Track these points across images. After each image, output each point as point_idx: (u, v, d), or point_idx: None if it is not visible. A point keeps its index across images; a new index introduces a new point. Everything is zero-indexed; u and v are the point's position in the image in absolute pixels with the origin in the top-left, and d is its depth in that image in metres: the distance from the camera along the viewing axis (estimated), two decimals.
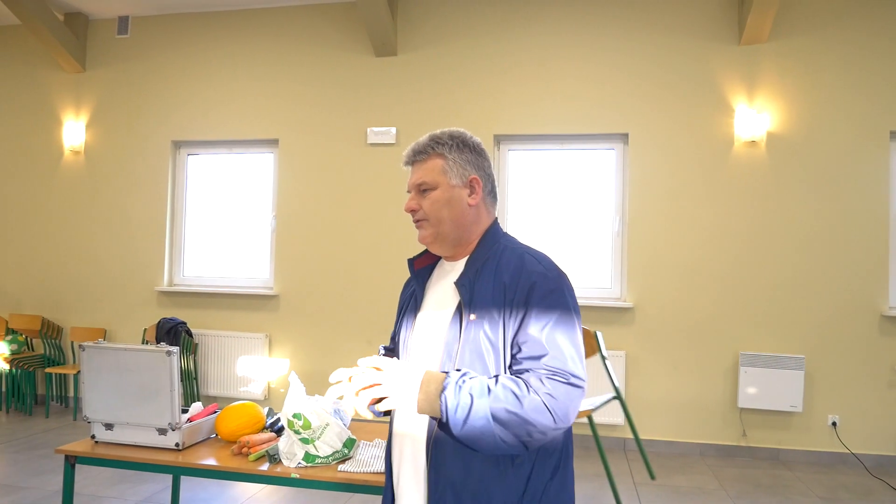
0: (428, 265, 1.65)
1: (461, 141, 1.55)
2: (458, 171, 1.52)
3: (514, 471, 1.38)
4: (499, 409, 1.28)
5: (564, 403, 1.31)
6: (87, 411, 2.49)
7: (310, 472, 2.21)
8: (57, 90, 6.51)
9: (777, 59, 5.15)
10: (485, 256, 1.49)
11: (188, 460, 2.35)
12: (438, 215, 1.52)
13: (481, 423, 1.28)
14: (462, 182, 1.52)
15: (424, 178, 1.53)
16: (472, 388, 1.30)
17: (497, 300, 1.41)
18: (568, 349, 1.35)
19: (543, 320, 1.36)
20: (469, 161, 1.54)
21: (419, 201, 1.55)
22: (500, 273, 1.44)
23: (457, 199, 1.52)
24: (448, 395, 1.30)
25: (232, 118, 6.11)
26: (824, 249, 5.05)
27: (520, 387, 1.31)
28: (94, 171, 6.40)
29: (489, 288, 1.43)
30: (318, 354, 5.82)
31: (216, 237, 6.30)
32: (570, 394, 1.32)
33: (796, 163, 5.10)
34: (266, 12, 6.08)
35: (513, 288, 1.40)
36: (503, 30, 5.61)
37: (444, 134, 1.56)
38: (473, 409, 1.28)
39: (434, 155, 1.54)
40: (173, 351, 2.38)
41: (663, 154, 5.30)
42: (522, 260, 1.45)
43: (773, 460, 5.03)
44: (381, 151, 5.77)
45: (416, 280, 1.63)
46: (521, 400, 1.28)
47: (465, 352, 1.40)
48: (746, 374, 5.00)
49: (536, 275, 1.41)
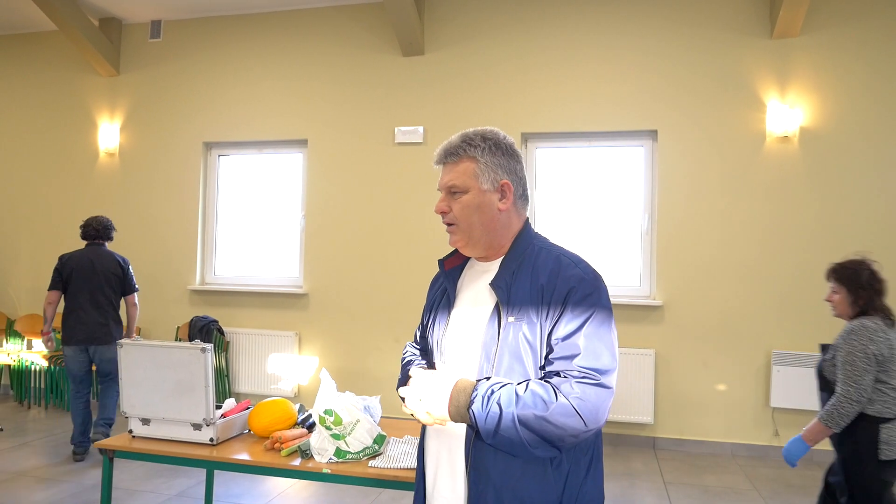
0: (459, 265, 1.64)
1: (494, 143, 1.52)
2: (489, 175, 1.50)
3: (554, 470, 1.40)
4: (528, 415, 1.30)
5: (594, 406, 1.31)
6: (124, 407, 2.56)
7: (341, 468, 2.24)
8: (92, 94, 6.66)
9: (809, 53, 5.06)
10: (520, 258, 1.49)
11: (222, 455, 2.40)
12: (469, 220, 1.51)
13: (511, 432, 1.31)
14: (493, 187, 1.51)
15: (455, 180, 1.52)
16: (501, 398, 1.33)
17: (535, 302, 1.41)
18: (601, 351, 1.36)
19: (579, 322, 1.37)
20: (501, 165, 1.52)
21: (449, 203, 1.53)
22: (536, 275, 1.44)
23: (487, 204, 1.51)
24: (476, 408, 1.35)
25: (261, 119, 6.20)
26: (858, 245, 4.94)
27: (548, 392, 1.32)
28: (127, 173, 6.53)
29: (526, 290, 1.43)
30: (347, 352, 5.88)
31: (247, 237, 6.40)
32: (600, 395, 1.33)
33: (830, 158, 5.01)
34: (294, 14, 6.15)
35: (550, 290, 1.41)
36: (530, 27, 5.60)
37: (476, 135, 1.53)
38: (503, 419, 1.32)
39: (466, 157, 1.52)
40: (207, 348, 2.43)
41: (693, 151, 5.25)
42: (559, 262, 1.45)
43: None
44: (409, 150, 5.80)
45: (448, 279, 1.62)
46: (549, 405, 1.30)
47: (504, 353, 1.41)
48: (779, 372, 4.93)
49: (574, 278, 1.41)
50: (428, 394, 1.43)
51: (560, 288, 1.39)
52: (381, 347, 5.80)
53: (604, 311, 1.39)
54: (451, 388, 1.40)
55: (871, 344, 2.64)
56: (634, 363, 5.18)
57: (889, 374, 2.64)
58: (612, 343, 1.39)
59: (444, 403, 1.40)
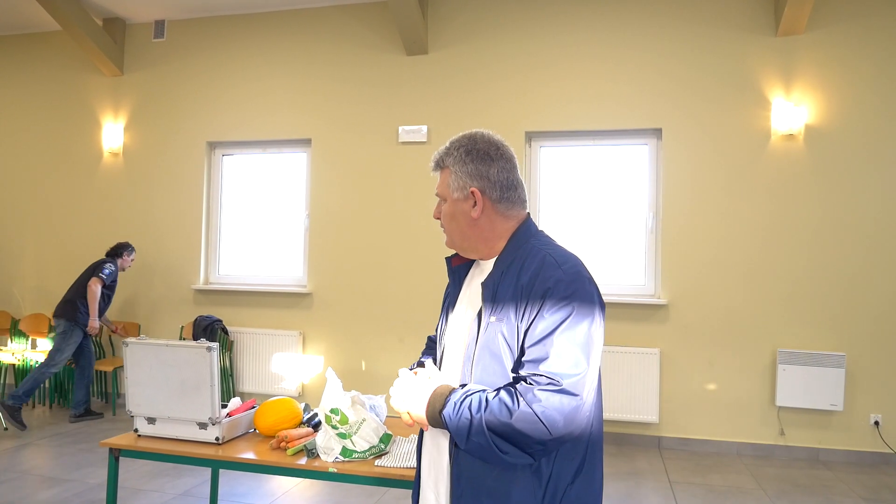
0: (466, 262, 1.65)
1: (465, 150, 1.52)
2: (459, 184, 1.51)
3: (532, 473, 1.38)
4: (494, 422, 1.30)
5: (557, 414, 1.28)
6: (130, 406, 2.56)
7: (347, 467, 2.24)
8: (96, 93, 6.67)
9: (815, 51, 5.05)
10: (511, 257, 1.47)
11: (228, 454, 2.40)
12: (448, 227, 1.56)
13: (481, 438, 1.32)
14: (464, 195, 1.51)
15: (438, 189, 1.57)
16: (472, 404, 1.34)
17: (515, 302, 1.39)
18: (571, 356, 1.31)
19: (552, 325, 1.33)
20: (469, 172, 1.50)
21: (439, 210, 1.59)
22: (521, 274, 1.41)
23: (461, 213, 1.52)
24: (448, 412, 1.36)
25: (265, 119, 6.20)
26: (865, 244, 4.94)
27: (512, 399, 1.30)
28: (131, 173, 6.54)
29: (510, 289, 1.41)
30: (351, 351, 5.87)
31: (251, 236, 6.40)
32: (564, 403, 1.29)
33: (835, 156, 4.99)
34: (297, 13, 6.15)
35: (528, 290, 1.38)
36: (533, 26, 5.59)
37: (452, 144, 1.55)
38: (473, 426, 1.32)
39: (445, 167, 1.55)
40: (213, 347, 2.42)
41: (698, 149, 5.23)
42: (543, 262, 1.41)
43: (812, 460, 4.94)
44: (413, 149, 5.79)
45: (453, 277, 1.64)
46: (512, 412, 1.29)
47: (484, 353, 1.41)
48: (785, 371, 4.91)
49: (552, 279, 1.37)
50: (409, 396, 1.46)
51: (537, 288, 1.37)
52: (385, 346, 5.80)
53: (580, 315, 1.34)
54: (430, 393, 1.42)
55: None
56: (639, 362, 5.17)
57: None
58: (587, 348, 1.34)
59: (422, 407, 1.43)
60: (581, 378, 1.31)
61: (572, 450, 1.40)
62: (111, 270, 5.68)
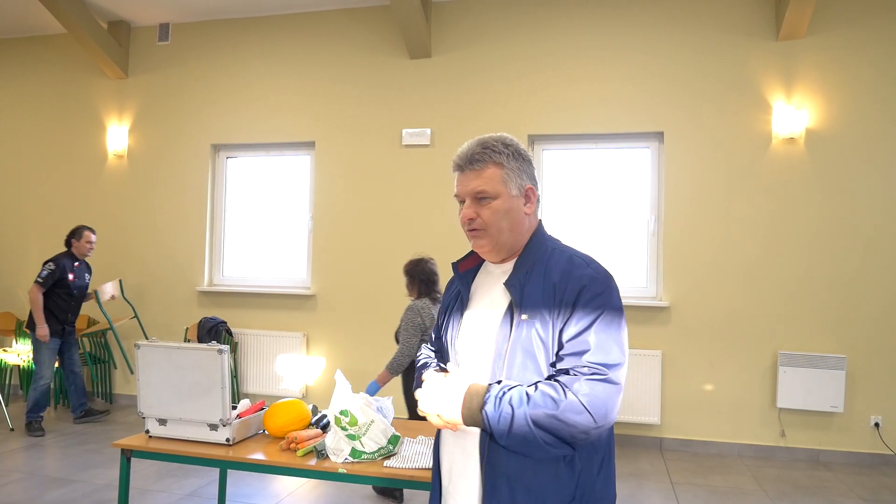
0: (472, 267, 1.68)
1: (515, 150, 1.56)
2: (516, 180, 1.55)
3: (567, 467, 1.42)
4: (538, 414, 1.34)
5: (603, 402, 1.34)
6: (141, 407, 2.59)
7: (357, 468, 2.28)
8: (101, 96, 6.70)
9: (815, 55, 5.08)
10: (533, 259, 1.53)
11: (238, 455, 2.43)
12: (498, 225, 1.54)
13: (524, 431, 1.35)
14: (520, 192, 1.56)
15: (484, 186, 1.53)
16: (512, 399, 1.36)
17: (547, 300, 1.45)
18: (610, 347, 1.39)
19: (589, 319, 1.40)
20: (524, 170, 1.57)
21: (476, 210, 1.55)
22: (549, 274, 1.47)
23: (515, 209, 1.55)
24: (489, 409, 1.38)
25: (269, 121, 6.23)
26: (865, 247, 4.98)
27: (557, 390, 1.35)
28: (136, 175, 6.58)
29: (539, 289, 1.46)
30: (355, 353, 5.91)
31: (255, 238, 6.44)
32: (609, 391, 1.36)
33: (836, 160, 5.03)
34: (302, 17, 6.19)
35: (562, 288, 1.44)
36: (536, 30, 5.63)
37: (497, 142, 1.56)
38: (515, 419, 1.35)
39: (491, 163, 1.54)
40: (224, 349, 2.46)
41: (699, 152, 5.27)
42: (572, 262, 1.49)
43: (812, 461, 4.97)
44: (416, 153, 5.83)
45: (461, 282, 1.66)
46: (558, 403, 1.33)
47: (517, 351, 1.45)
48: (786, 373, 4.95)
49: (586, 277, 1.45)
50: (440, 397, 1.46)
51: (572, 286, 1.43)
52: (388, 348, 5.78)
53: (614, 310, 1.43)
54: (464, 392, 1.43)
55: (418, 317, 3.81)
56: (641, 364, 5.20)
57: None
58: (621, 340, 1.42)
59: (456, 407, 1.43)
60: (621, 368, 1.40)
61: (597, 441, 1.45)
62: (49, 271, 5.33)
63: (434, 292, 3.99)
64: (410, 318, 3.86)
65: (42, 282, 5.32)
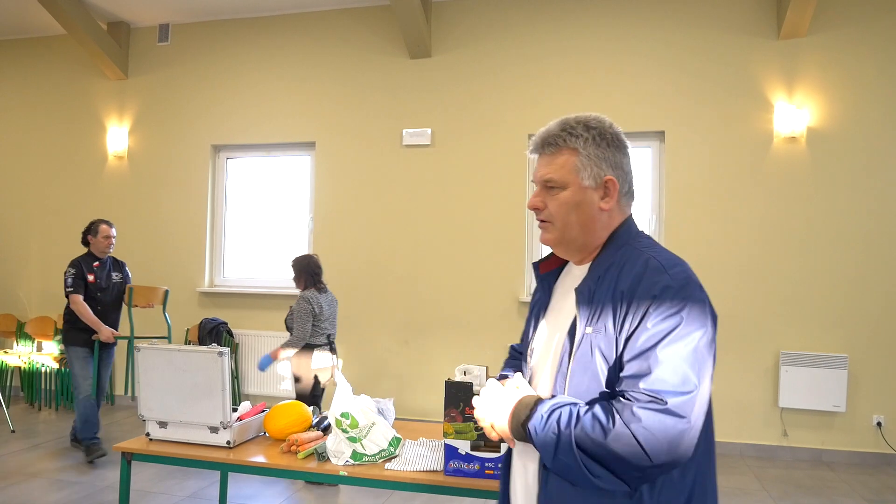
0: (556, 268, 1.50)
1: (598, 133, 1.35)
2: (592, 170, 1.34)
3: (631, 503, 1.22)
4: (585, 440, 1.16)
5: (659, 437, 1.12)
6: (142, 410, 2.58)
7: (357, 470, 2.26)
8: (101, 97, 6.70)
9: (817, 54, 5.07)
10: (609, 261, 1.32)
11: (239, 458, 2.43)
12: (565, 219, 1.36)
13: (569, 458, 1.17)
14: (595, 183, 1.34)
15: (553, 174, 1.35)
16: (561, 417, 1.20)
17: (614, 311, 1.24)
18: (678, 372, 1.15)
19: (655, 337, 1.18)
20: (605, 158, 1.34)
21: (545, 199, 1.38)
22: (620, 280, 1.26)
23: (587, 203, 1.35)
24: (534, 424, 1.23)
25: (269, 122, 6.23)
26: (867, 246, 4.96)
27: (607, 416, 1.15)
28: (137, 176, 6.57)
29: (608, 297, 1.26)
30: (356, 354, 5.90)
31: (255, 239, 6.43)
32: (668, 425, 1.13)
33: (838, 158, 5.02)
34: (302, 17, 6.18)
35: (629, 298, 1.23)
36: (537, 30, 5.62)
37: (578, 123, 1.36)
38: (561, 441, 1.18)
39: (566, 148, 1.35)
40: (224, 352, 2.45)
41: (700, 151, 5.26)
42: (646, 266, 1.26)
43: (815, 461, 4.96)
44: (417, 153, 5.82)
45: (542, 283, 1.50)
46: (606, 432, 1.14)
47: (578, 367, 1.27)
48: (788, 373, 4.94)
49: (658, 286, 1.22)
50: (492, 407, 1.34)
51: (641, 295, 1.21)
52: (389, 349, 5.83)
53: (690, 327, 1.19)
54: (515, 403, 1.29)
55: (309, 305, 4.36)
56: None
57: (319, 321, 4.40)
58: (696, 364, 1.17)
59: (505, 418, 1.30)
60: (690, 398, 1.15)
61: (681, 480, 1.23)
62: (72, 276, 4.74)
63: (319, 283, 4.54)
64: (303, 305, 4.35)
65: (72, 289, 4.73)
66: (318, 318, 4.42)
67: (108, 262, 5.00)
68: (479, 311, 5.64)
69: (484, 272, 5.64)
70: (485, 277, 5.63)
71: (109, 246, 4.95)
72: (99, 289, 4.88)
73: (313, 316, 4.38)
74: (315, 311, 4.39)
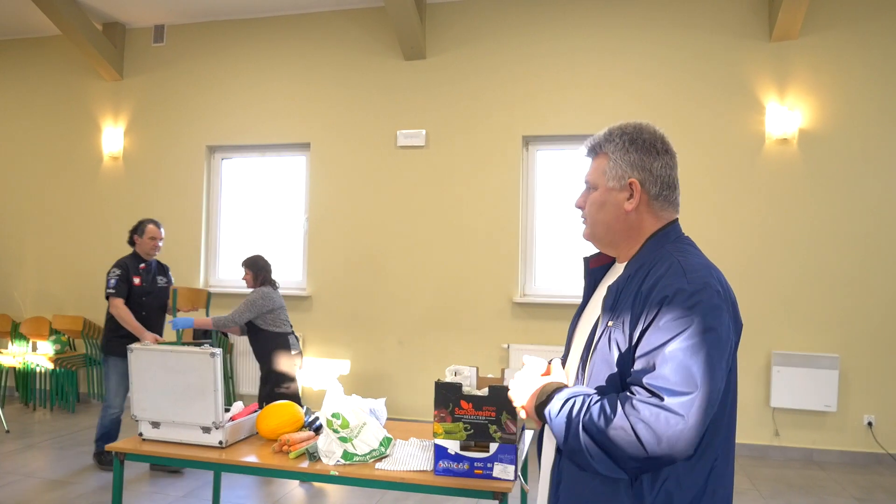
0: (604, 265, 1.59)
1: (629, 139, 1.43)
2: (617, 172, 1.43)
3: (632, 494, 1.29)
4: (591, 427, 1.24)
5: (656, 431, 1.18)
6: (134, 410, 2.60)
7: (348, 470, 2.28)
8: (96, 98, 6.71)
9: (809, 56, 5.11)
10: (641, 262, 1.39)
11: (231, 458, 2.44)
12: (594, 217, 1.48)
13: (576, 441, 1.26)
14: (620, 185, 1.43)
15: (588, 176, 1.50)
16: (575, 404, 1.28)
17: (633, 308, 1.31)
18: (681, 373, 1.20)
19: (664, 336, 1.23)
20: (631, 162, 1.42)
21: (585, 198, 1.52)
22: (646, 281, 1.33)
23: (612, 203, 1.44)
24: (550, 409, 1.32)
25: (264, 122, 6.24)
26: (858, 247, 5.00)
27: (612, 407, 1.23)
28: (132, 176, 6.58)
29: (631, 295, 1.33)
30: (351, 355, 5.92)
31: (250, 240, 6.44)
32: (666, 421, 1.18)
33: (829, 160, 5.05)
34: (296, 18, 6.20)
35: (646, 296, 1.29)
36: (530, 31, 5.64)
37: (616, 129, 1.46)
38: (571, 427, 1.26)
39: (601, 153, 1.47)
40: (217, 353, 2.47)
41: (693, 152, 5.27)
42: (669, 268, 1.31)
43: (806, 460, 4.99)
44: (411, 154, 5.84)
45: (588, 278, 1.60)
46: (609, 420, 1.21)
47: (597, 359, 1.35)
48: (779, 373, 4.97)
49: (673, 288, 1.27)
50: (521, 388, 1.45)
51: (655, 296, 1.27)
52: (383, 350, 5.85)
53: (700, 331, 1.23)
54: (538, 389, 1.39)
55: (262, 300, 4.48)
56: None
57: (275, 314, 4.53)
58: (701, 367, 1.21)
59: (527, 398, 1.42)
60: (689, 399, 1.19)
61: (686, 475, 1.29)
62: (116, 278, 4.46)
63: (271, 281, 4.70)
64: (255, 298, 4.47)
65: (115, 291, 4.42)
66: (283, 311, 4.62)
67: (154, 265, 4.73)
68: (473, 312, 5.66)
69: (478, 273, 5.66)
70: (479, 278, 5.66)
71: (155, 248, 4.65)
72: (144, 293, 4.59)
73: (259, 311, 4.48)
74: (266, 307, 4.51)
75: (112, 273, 4.48)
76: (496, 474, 2.11)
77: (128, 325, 4.41)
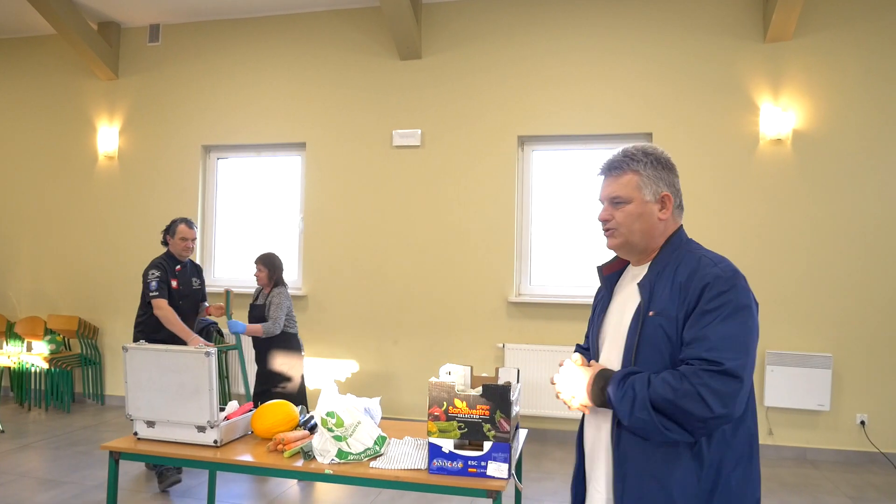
0: (617, 270, 1.82)
1: (655, 158, 1.68)
2: (651, 187, 1.66)
3: (693, 456, 1.51)
4: (657, 398, 1.45)
5: (718, 392, 1.41)
6: (129, 409, 2.60)
7: (343, 469, 2.29)
8: (91, 97, 6.70)
9: (802, 56, 5.13)
10: (666, 261, 1.64)
11: (226, 457, 2.45)
12: (630, 227, 1.68)
13: (644, 413, 1.47)
14: (654, 198, 1.67)
15: (619, 192, 1.68)
16: (635, 382, 1.50)
17: (674, 299, 1.55)
18: (731, 343, 1.45)
19: (711, 316, 1.48)
20: (662, 178, 1.68)
21: (612, 212, 1.70)
22: (678, 274, 1.58)
23: (648, 214, 1.67)
24: (612, 389, 1.54)
25: (260, 122, 6.24)
26: (851, 247, 5.02)
27: (675, 378, 1.45)
28: (127, 176, 6.57)
29: (667, 288, 1.57)
30: (346, 355, 5.92)
31: (246, 239, 6.44)
32: (725, 383, 1.42)
33: (823, 160, 5.08)
34: (292, 18, 6.20)
35: (687, 287, 1.54)
36: (526, 32, 5.66)
37: (637, 151, 1.69)
38: (637, 401, 1.48)
39: (629, 171, 1.68)
40: (212, 352, 2.48)
41: (687, 153, 5.30)
42: (700, 262, 1.57)
43: (799, 459, 5.02)
44: (407, 154, 5.85)
45: (606, 283, 1.82)
46: (675, 390, 1.43)
47: (644, 345, 1.57)
48: (773, 372, 4.99)
49: (711, 275, 1.52)
50: (572, 382, 1.67)
51: (696, 284, 1.52)
52: (379, 349, 5.85)
53: (737, 308, 1.49)
54: (594, 374, 1.61)
55: (286, 299, 4.57)
56: None
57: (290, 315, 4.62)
58: (742, 337, 1.47)
59: (584, 388, 1.62)
60: (742, 362, 1.44)
61: (733, 437, 1.52)
62: (157, 280, 4.24)
63: (283, 281, 4.73)
64: (282, 300, 4.55)
65: (157, 293, 4.21)
66: (292, 311, 4.69)
67: (189, 265, 4.52)
68: (468, 312, 5.67)
69: (473, 272, 5.67)
70: (474, 278, 5.67)
71: (187, 248, 4.42)
72: (181, 295, 4.38)
73: (287, 308, 4.60)
74: (289, 304, 4.62)
75: (151, 275, 4.26)
76: (490, 473, 2.12)
77: (173, 328, 4.18)
